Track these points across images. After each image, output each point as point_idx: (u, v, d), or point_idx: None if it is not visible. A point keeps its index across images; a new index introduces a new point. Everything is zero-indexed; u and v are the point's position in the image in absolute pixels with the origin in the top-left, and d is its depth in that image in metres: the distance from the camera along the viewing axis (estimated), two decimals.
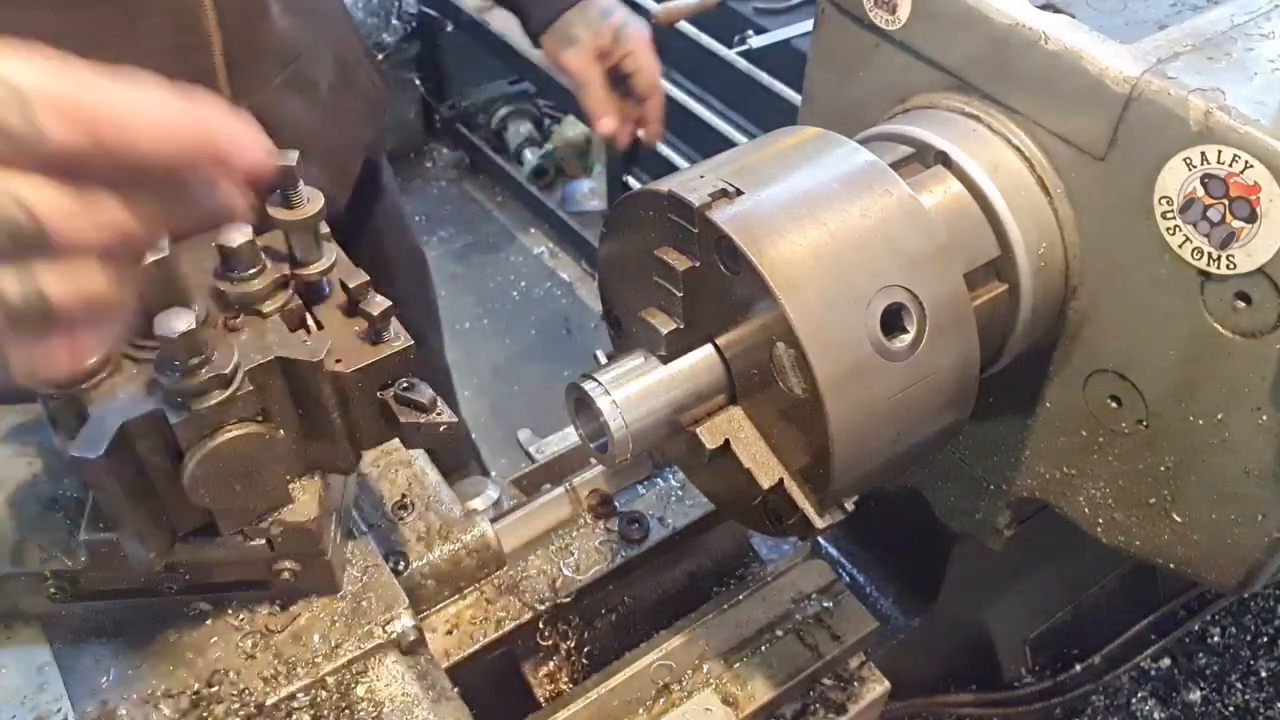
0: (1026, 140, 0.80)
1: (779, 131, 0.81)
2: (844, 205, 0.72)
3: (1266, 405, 0.73)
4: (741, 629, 0.97)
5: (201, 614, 0.84)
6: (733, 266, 0.70)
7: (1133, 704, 1.32)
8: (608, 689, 0.92)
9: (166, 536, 0.75)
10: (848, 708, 0.97)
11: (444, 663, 0.93)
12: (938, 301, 0.72)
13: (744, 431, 0.76)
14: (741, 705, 0.91)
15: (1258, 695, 1.33)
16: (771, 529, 0.78)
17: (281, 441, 0.76)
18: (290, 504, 0.79)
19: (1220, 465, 0.77)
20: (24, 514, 0.82)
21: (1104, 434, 0.84)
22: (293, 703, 0.80)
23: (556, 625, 1.01)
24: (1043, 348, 0.85)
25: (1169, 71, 0.71)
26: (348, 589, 0.86)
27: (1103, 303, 0.80)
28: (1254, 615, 1.40)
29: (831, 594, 1.00)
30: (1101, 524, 0.88)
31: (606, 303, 0.86)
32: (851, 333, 0.69)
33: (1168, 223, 0.73)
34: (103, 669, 0.81)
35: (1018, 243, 0.79)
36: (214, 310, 0.77)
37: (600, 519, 1.06)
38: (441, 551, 0.96)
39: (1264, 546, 0.78)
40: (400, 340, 0.78)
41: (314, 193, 0.77)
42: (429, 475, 1.02)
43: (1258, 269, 0.69)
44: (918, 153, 0.82)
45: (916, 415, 0.74)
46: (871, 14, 0.87)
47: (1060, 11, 0.79)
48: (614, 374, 0.75)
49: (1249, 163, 0.67)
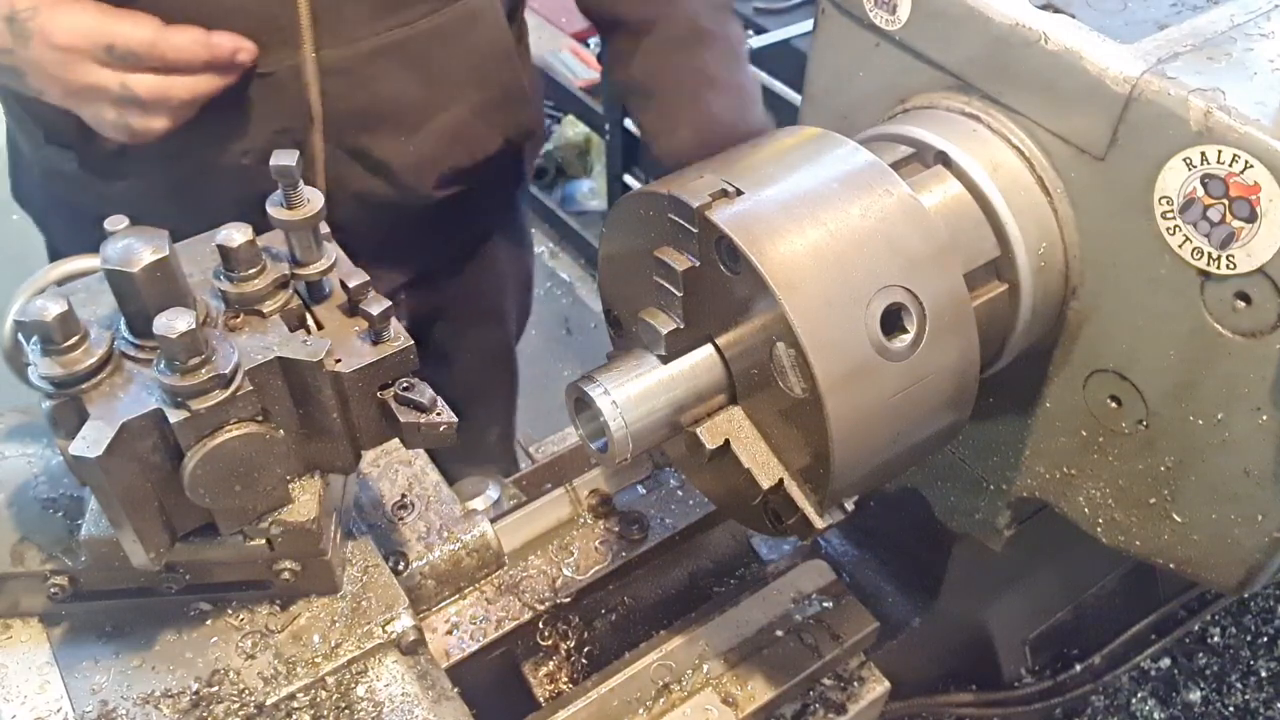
0: (1026, 140, 0.80)
1: (779, 131, 0.81)
2: (844, 205, 0.72)
3: (1266, 405, 0.73)
4: (741, 629, 0.97)
5: (201, 614, 0.84)
6: (733, 266, 0.70)
7: (1133, 704, 1.32)
8: (608, 689, 0.92)
9: (166, 536, 0.75)
10: (848, 708, 0.97)
11: (444, 663, 0.93)
12: (938, 301, 0.72)
13: (744, 431, 0.76)
14: (741, 705, 0.91)
15: (1258, 695, 1.33)
16: (771, 529, 0.78)
17: (281, 441, 0.76)
18: (290, 504, 0.79)
19: (1220, 465, 0.77)
20: (24, 514, 0.82)
21: (1104, 434, 0.84)
22: (293, 703, 0.80)
23: (556, 625, 1.01)
24: (1043, 348, 0.85)
25: (1169, 71, 0.71)
26: (348, 589, 0.86)
27: (1103, 303, 0.80)
28: (1254, 615, 1.40)
29: (831, 594, 1.00)
30: (1101, 524, 0.88)
31: (606, 303, 0.86)
32: (851, 333, 0.69)
33: (1168, 223, 0.73)
34: (103, 669, 0.81)
35: (1018, 243, 0.79)
36: (214, 310, 0.77)
37: (600, 519, 1.06)
38: (441, 551, 0.96)
39: (1264, 546, 0.78)
40: (400, 340, 0.78)
41: (314, 193, 0.77)
42: (429, 475, 1.02)
43: (1258, 269, 0.69)
44: (918, 153, 0.82)
45: (916, 415, 0.74)
46: (871, 14, 0.87)
47: (1060, 11, 0.79)
48: (614, 374, 0.75)
49: (1249, 163, 0.67)
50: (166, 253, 0.71)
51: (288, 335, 0.76)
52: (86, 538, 0.77)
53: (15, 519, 0.82)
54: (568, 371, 3.39)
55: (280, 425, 0.76)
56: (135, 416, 0.69)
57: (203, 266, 0.78)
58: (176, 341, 0.67)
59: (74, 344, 0.70)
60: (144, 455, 0.71)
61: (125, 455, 0.69)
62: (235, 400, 0.71)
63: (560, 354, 3.67)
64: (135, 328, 0.73)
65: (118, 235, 0.72)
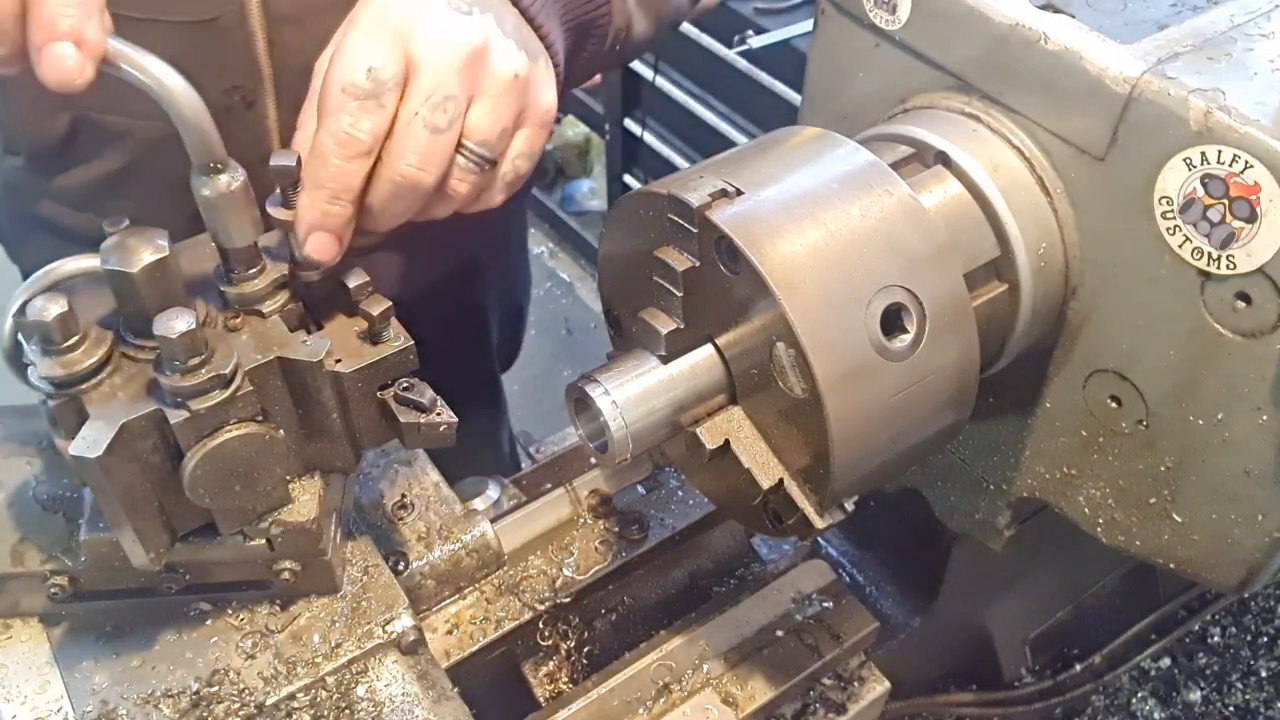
0: (1026, 140, 0.80)
1: (779, 131, 0.81)
2: (844, 205, 0.72)
3: (1266, 405, 0.73)
4: (741, 629, 0.97)
5: (201, 614, 0.84)
6: (733, 266, 0.70)
7: (1133, 704, 1.32)
8: (608, 689, 0.92)
9: (166, 536, 0.75)
10: (848, 708, 0.97)
11: (444, 663, 0.93)
12: (938, 301, 0.72)
13: (744, 431, 0.76)
14: (741, 705, 0.91)
15: (1258, 695, 1.33)
16: (771, 529, 0.78)
17: (281, 441, 0.76)
18: (290, 504, 0.79)
19: (1220, 465, 0.77)
20: (24, 514, 0.82)
21: (1104, 434, 0.84)
22: (293, 703, 0.80)
23: (556, 625, 1.01)
24: (1043, 348, 0.85)
25: (1169, 71, 0.71)
26: (348, 589, 0.86)
27: (1103, 303, 0.80)
28: (1254, 615, 1.40)
29: (831, 594, 1.00)
30: (1101, 524, 0.88)
31: (606, 303, 0.86)
32: (851, 333, 0.69)
33: (1168, 223, 0.73)
34: (103, 669, 0.81)
35: (1018, 243, 0.79)
36: (214, 310, 0.77)
37: (600, 519, 1.06)
38: (441, 551, 0.96)
39: (1264, 546, 0.78)
40: (400, 340, 0.78)
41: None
42: (429, 475, 1.02)
43: (1258, 269, 0.69)
44: (918, 153, 0.82)
45: (916, 415, 0.74)
46: (871, 14, 0.87)
47: (1060, 11, 0.79)
48: (614, 374, 0.75)
49: (1249, 163, 0.67)
50: (166, 253, 0.71)
51: (288, 335, 0.76)
52: (86, 538, 0.77)
53: (15, 519, 0.82)
54: (568, 371, 3.39)
55: (280, 425, 0.76)
56: (135, 416, 0.69)
57: (202, 267, 0.78)
58: (176, 342, 0.67)
59: (74, 344, 0.70)
60: (144, 455, 0.71)
61: (125, 455, 0.69)
62: (235, 400, 0.71)
63: (560, 354, 3.67)
64: (135, 328, 0.73)
65: (117, 235, 0.72)
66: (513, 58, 0.80)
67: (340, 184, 0.75)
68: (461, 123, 0.78)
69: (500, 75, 0.79)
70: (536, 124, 0.85)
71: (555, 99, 0.86)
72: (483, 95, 0.79)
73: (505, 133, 0.81)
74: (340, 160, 0.75)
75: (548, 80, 0.85)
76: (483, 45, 0.78)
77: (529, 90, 0.82)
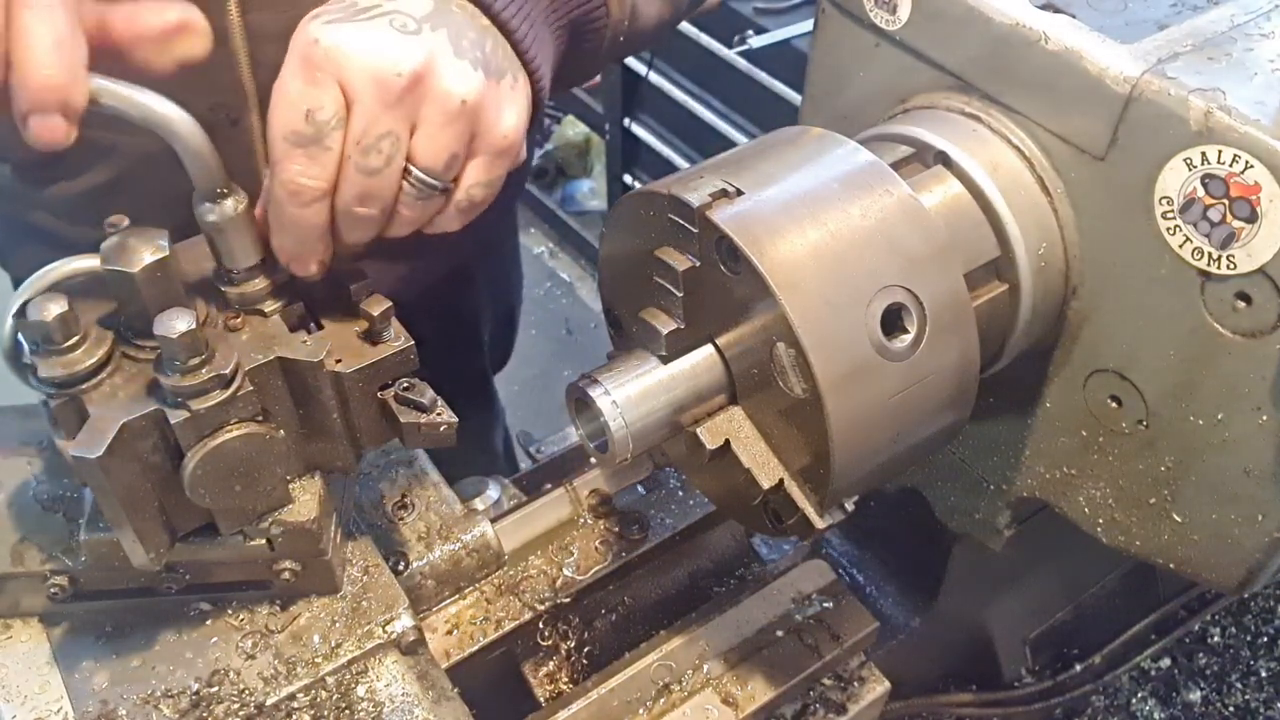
0: (1026, 140, 0.80)
1: (779, 131, 0.81)
2: (844, 205, 0.72)
3: (1266, 405, 0.73)
4: (741, 629, 0.97)
5: (201, 614, 0.84)
6: (733, 266, 0.70)
7: (1133, 704, 1.32)
8: (608, 689, 0.92)
9: (166, 536, 0.75)
10: (848, 708, 0.97)
11: (444, 663, 0.93)
12: (938, 301, 0.72)
13: (744, 431, 0.76)
14: (741, 705, 0.91)
15: (1258, 695, 1.33)
16: (771, 529, 0.78)
17: (281, 441, 0.76)
18: (290, 504, 0.79)
19: (1220, 465, 0.77)
20: (24, 514, 0.82)
21: (1104, 434, 0.84)
22: (293, 703, 0.80)
23: (556, 625, 1.01)
24: (1043, 348, 0.85)
25: (1169, 71, 0.71)
26: (348, 589, 0.86)
27: (1103, 303, 0.80)
28: (1254, 615, 1.40)
29: (831, 594, 1.00)
30: (1101, 524, 0.88)
31: (606, 303, 0.86)
32: (851, 333, 0.69)
33: (1168, 223, 0.73)
34: (103, 669, 0.81)
35: (1018, 243, 0.79)
36: (214, 310, 0.77)
37: (600, 519, 1.06)
38: (441, 551, 0.96)
39: (1264, 546, 0.78)
40: (401, 340, 0.78)
41: None
42: (429, 475, 1.02)
43: (1258, 269, 0.69)
44: (918, 153, 0.82)
45: (916, 415, 0.74)
46: (871, 14, 0.87)
47: (1060, 11, 0.79)
48: (614, 374, 0.75)
49: (1249, 163, 0.67)
50: (166, 253, 0.71)
51: (288, 335, 0.76)
52: (86, 538, 0.77)
53: (15, 519, 0.82)
54: (568, 371, 3.39)
55: (280, 425, 0.76)
56: (135, 416, 0.69)
57: (202, 267, 0.78)
58: (176, 342, 0.68)
59: (74, 344, 0.71)
60: (144, 455, 0.71)
61: (125, 455, 0.69)
62: (235, 400, 0.71)
63: (560, 354, 3.67)
64: (135, 328, 0.73)
65: (117, 236, 0.72)
66: (460, 81, 0.74)
67: (302, 228, 0.74)
68: (403, 155, 0.74)
69: (443, 102, 0.73)
70: (491, 151, 0.78)
71: (520, 121, 0.79)
72: (424, 123, 0.74)
73: (455, 158, 0.76)
74: (296, 208, 0.73)
75: (511, 101, 0.78)
76: (422, 69, 0.72)
77: (482, 115, 0.76)
